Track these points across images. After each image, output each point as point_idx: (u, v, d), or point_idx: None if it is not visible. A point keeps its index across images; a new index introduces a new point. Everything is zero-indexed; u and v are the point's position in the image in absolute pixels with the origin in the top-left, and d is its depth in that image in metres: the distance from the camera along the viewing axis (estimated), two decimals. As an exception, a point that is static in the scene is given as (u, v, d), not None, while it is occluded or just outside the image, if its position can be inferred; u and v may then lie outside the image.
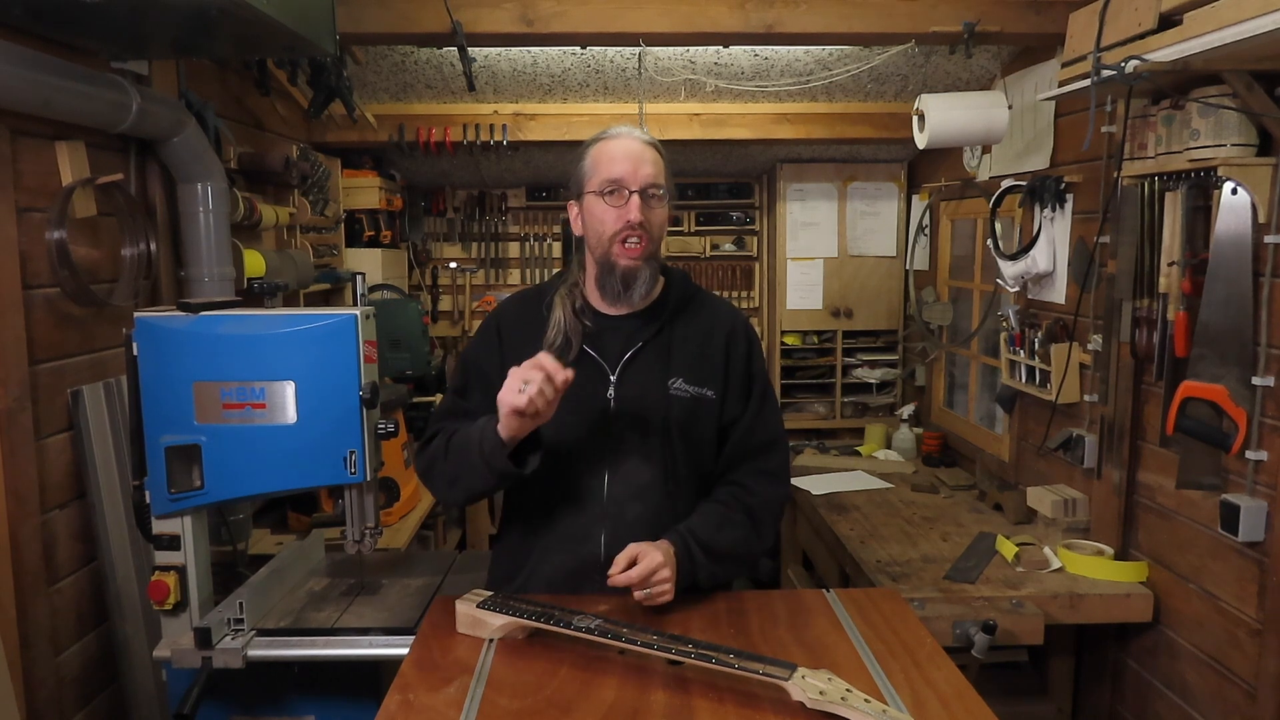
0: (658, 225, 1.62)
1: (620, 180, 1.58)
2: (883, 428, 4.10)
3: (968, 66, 3.24)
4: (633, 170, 1.58)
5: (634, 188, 1.57)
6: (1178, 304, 2.18)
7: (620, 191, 1.58)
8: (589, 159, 1.63)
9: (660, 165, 1.62)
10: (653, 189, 1.59)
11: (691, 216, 4.45)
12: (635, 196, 1.57)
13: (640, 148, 1.61)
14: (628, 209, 1.57)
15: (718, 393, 1.67)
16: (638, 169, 1.58)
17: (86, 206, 2.03)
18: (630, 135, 1.63)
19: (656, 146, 1.64)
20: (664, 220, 1.64)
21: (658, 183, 1.60)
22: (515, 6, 2.58)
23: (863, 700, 1.17)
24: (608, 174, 1.59)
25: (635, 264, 1.60)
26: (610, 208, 1.58)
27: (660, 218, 1.62)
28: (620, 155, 1.59)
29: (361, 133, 3.51)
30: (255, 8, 1.66)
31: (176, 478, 1.67)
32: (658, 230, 1.62)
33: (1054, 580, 2.45)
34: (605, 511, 1.62)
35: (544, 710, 1.24)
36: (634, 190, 1.57)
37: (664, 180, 1.62)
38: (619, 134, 1.63)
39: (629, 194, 1.57)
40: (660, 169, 1.61)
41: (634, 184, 1.57)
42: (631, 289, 1.62)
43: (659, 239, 1.63)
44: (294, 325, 1.65)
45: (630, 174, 1.58)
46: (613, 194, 1.58)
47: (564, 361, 1.60)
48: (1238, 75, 1.95)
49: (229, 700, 1.74)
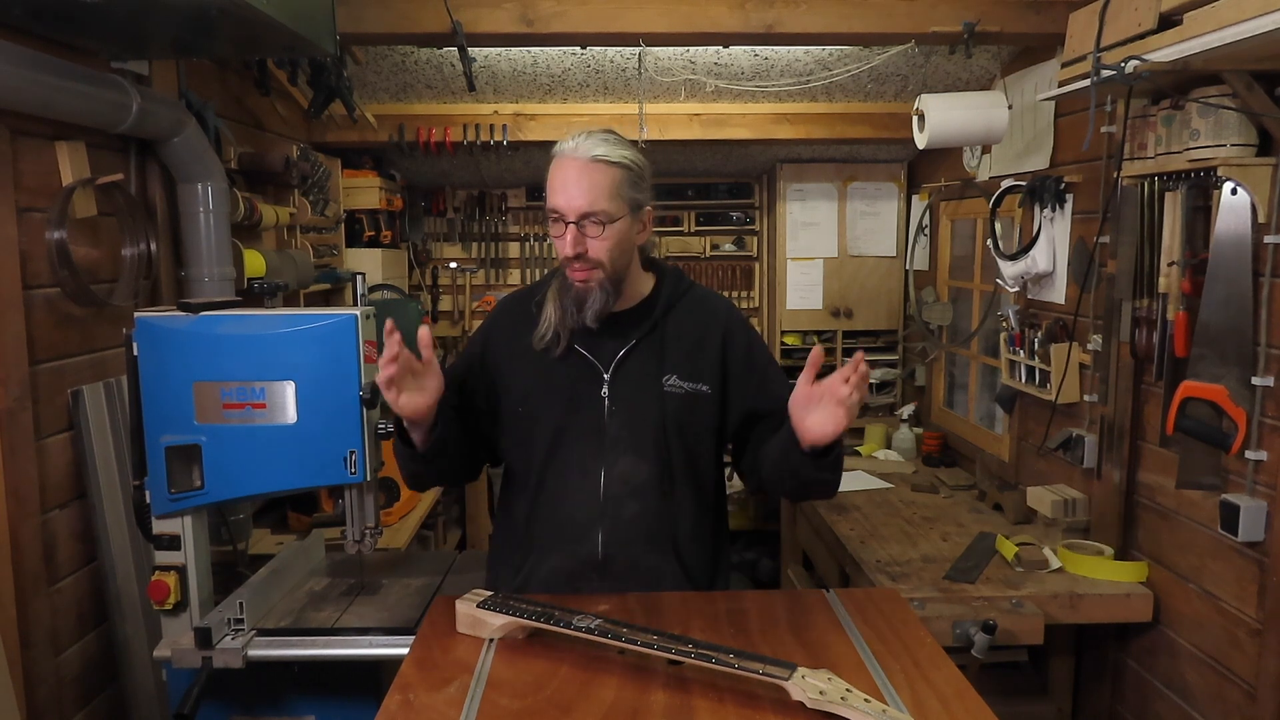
0: (606, 250, 1.54)
1: (556, 210, 1.54)
2: (883, 428, 4.10)
3: (968, 66, 3.24)
4: (566, 201, 1.52)
5: (570, 219, 1.52)
6: (1178, 304, 2.18)
7: (558, 222, 1.54)
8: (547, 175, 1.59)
9: (602, 185, 1.52)
10: (591, 217, 1.51)
11: (691, 216, 4.45)
12: (571, 228, 1.52)
13: (577, 172, 1.52)
14: (564, 241, 1.53)
15: (714, 388, 1.67)
16: (571, 199, 1.51)
17: (86, 206, 2.03)
18: (571, 155, 1.54)
19: (605, 159, 1.53)
20: (616, 242, 1.55)
21: (595, 209, 1.51)
22: (515, 6, 2.58)
23: (863, 700, 1.17)
24: (550, 200, 1.55)
25: (583, 287, 1.57)
26: (554, 235, 1.57)
27: (608, 242, 1.54)
28: (558, 183, 1.54)
29: (361, 133, 3.51)
30: (255, 8, 1.66)
31: (176, 478, 1.67)
32: (606, 255, 1.54)
33: (1054, 580, 2.45)
34: (602, 510, 1.62)
35: (544, 710, 1.24)
36: (570, 221, 1.53)
37: (609, 201, 1.52)
38: (560, 153, 1.56)
39: (565, 225, 1.53)
40: (602, 190, 1.51)
41: (569, 214, 1.52)
42: (583, 310, 1.58)
43: (611, 262, 1.56)
44: (294, 325, 1.65)
45: (565, 204, 1.52)
46: (555, 222, 1.55)
47: (553, 356, 1.61)
48: (1238, 75, 1.95)
49: (229, 700, 1.74)
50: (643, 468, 1.63)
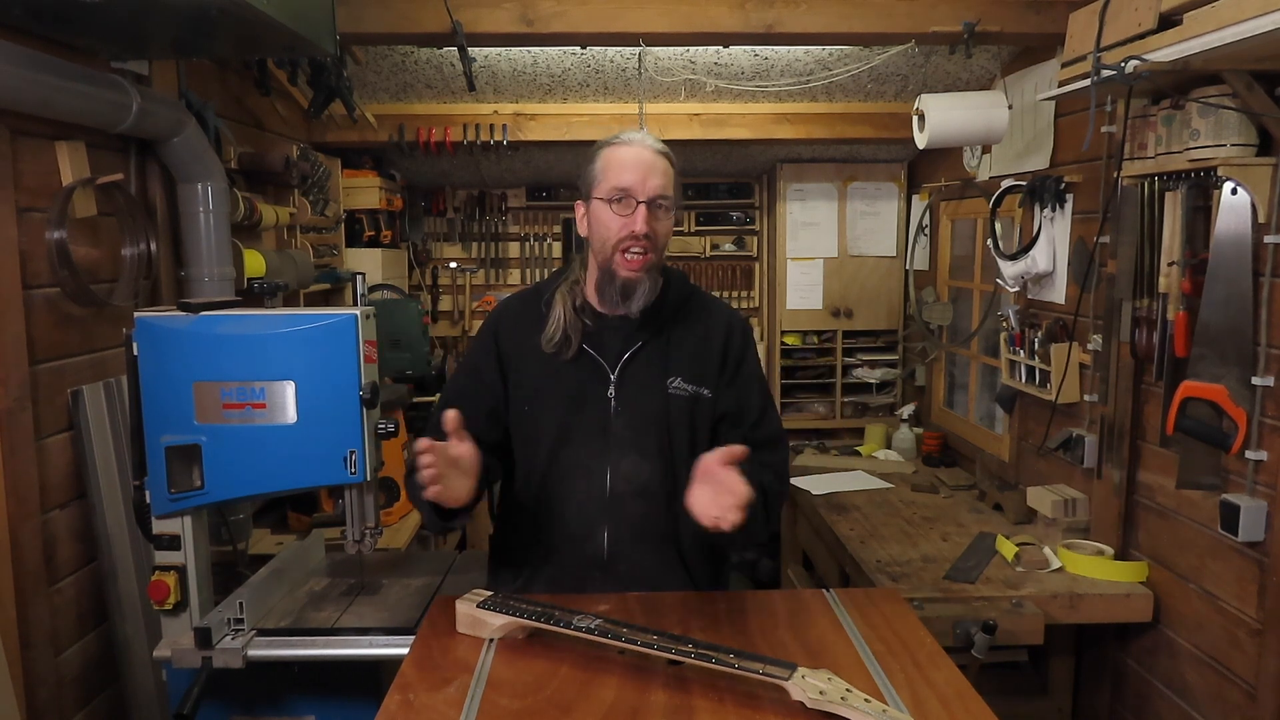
0: (663, 235, 1.61)
1: (628, 189, 1.57)
2: (883, 428, 4.10)
3: (968, 66, 3.24)
4: (641, 180, 1.57)
5: (642, 198, 1.56)
6: (1178, 304, 2.18)
7: (628, 200, 1.57)
8: (599, 163, 1.62)
9: (670, 176, 1.61)
10: (661, 199, 1.58)
11: (691, 216, 4.44)
12: (642, 207, 1.56)
13: (651, 157, 1.59)
14: (634, 219, 1.56)
15: (713, 392, 1.68)
16: (646, 179, 1.57)
17: (86, 206, 2.03)
18: (643, 144, 1.61)
19: (669, 156, 1.63)
20: (669, 230, 1.63)
21: (666, 194, 1.59)
22: (515, 6, 2.58)
23: (863, 700, 1.17)
24: (616, 181, 1.58)
25: (636, 275, 1.59)
26: (616, 215, 1.58)
27: (666, 228, 1.61)
28: (631, 163, 1.58)
29: (361, 133, 3.51)
30: (255, 8, 1.66)
31: (176, 478, 1.67)
32: (663, 240, 1.61)
33: (1054, 580, 2.45)
34: (607, 509, 1.63)
35: (544, 710, 1.24)
36: (641, 200, 1.56)
37: (672, 191, 1.61)
38: (631, 140, 1.62)
39: (636, 204, 1.56)
40: (669, 179, 1.60)
41: (642, 194, 1.57)
42: (630, 299, 1.61)
43: (663, 249, 1.62)
44: (294, 325, 1.65)
45: (639, 184, 1.57)
46: (620, 202, 1.57)
47: (563, 358, 1.61)
48: (1238, 75, 1.95)
49: (229, 700, 1.74)
50: (647, 468, 1.63)
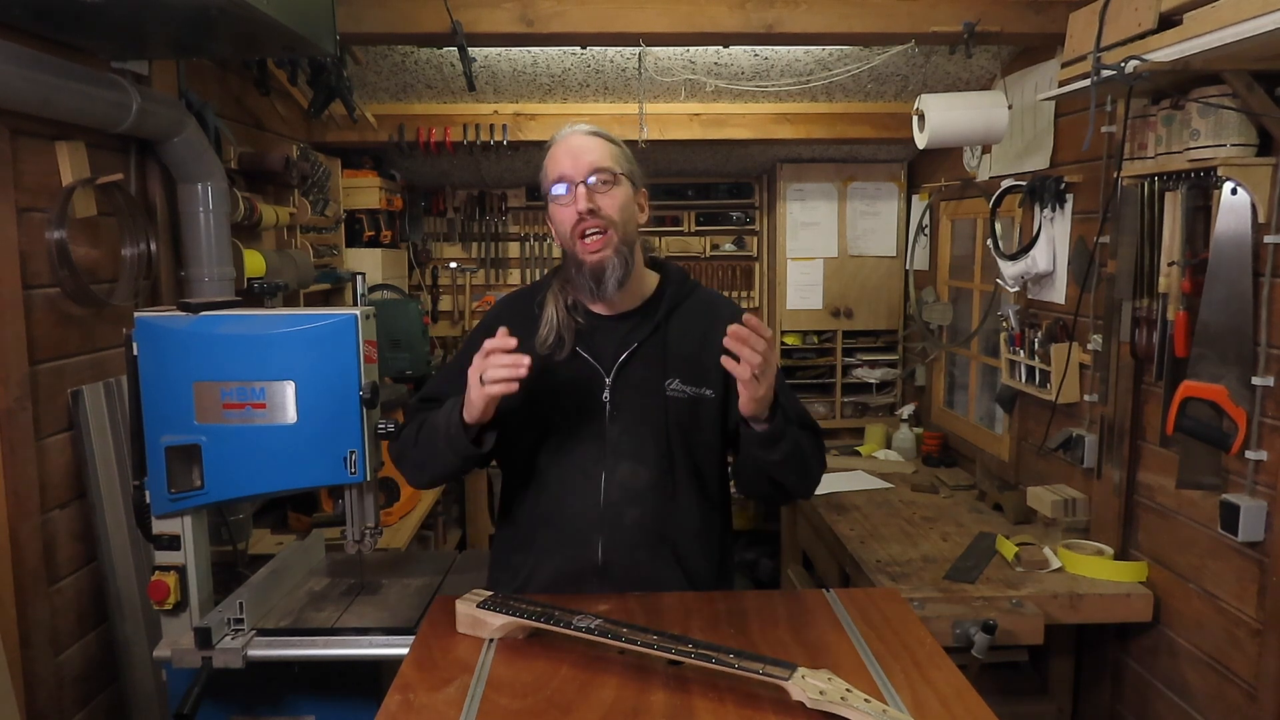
0: (617, 209, 1.56)
1: (564, 175, 1.57)
2: (883, 428, 4.10)
3: (968, 66, 3.24)
4: (574, 163, 1.56)
5: (578, 179, 1.55)
6: (1178, 304, 2.18)
7: (566, 186, 1.57)
8: (544, 166, 1.62)
9: (606, 149, 1.58)
10: (599, 173, 1.55)
11: (691, 216, 4.45)
12: (581, 187, 1.55)
13: (581, 139, 1.59)
14: (576, 200, 1.55)
15: (718, 392, 1.64)
16: (578, 159, 1.56)
17: (86, 206, 2.03)
18: (573, 131, 1.61)
19: (603, 134, 1.61)
20: (624, 203, 1.58)
21: (602, 165, 1.56)
22: (515, 6, 2.58)
23: (863, 700, 1.17)
24: (555, 174, 1.58)
25: (598, 257, 1.56)
26: (562, 206, 1.58)
27: (617, 200, 1.57)
28: (562, 153, 1.58)
29: (361, 133, 3.51)
30: (255, 8, 1.66)
31: (176, 478, 1.67)
32: (618, 214, 1.57)
33: (1054, 580, 2.45)
34: (603, 516, 1.61)
35: (544, 710, 1.24)
36: (578, 181, 1.55)
37: (614, 163, 1.58)
38: (563, 134, 1.62)
39: (574, 186, 1.56)
40: (606, 152, 1.58)
41: (577, 175, 1.56)
42: (602, 284, 1.57)
43: (623, 223, 1.57)
44: (294, 325, 1.65)
45: (572, 166, 1.56)
46: (561, 192, 1.57)
47: (555, 359, 1.61)
48: (1238, 75, 1.95)
49: (229, 700, 1.74)
50: (643, 473, 1.61)
